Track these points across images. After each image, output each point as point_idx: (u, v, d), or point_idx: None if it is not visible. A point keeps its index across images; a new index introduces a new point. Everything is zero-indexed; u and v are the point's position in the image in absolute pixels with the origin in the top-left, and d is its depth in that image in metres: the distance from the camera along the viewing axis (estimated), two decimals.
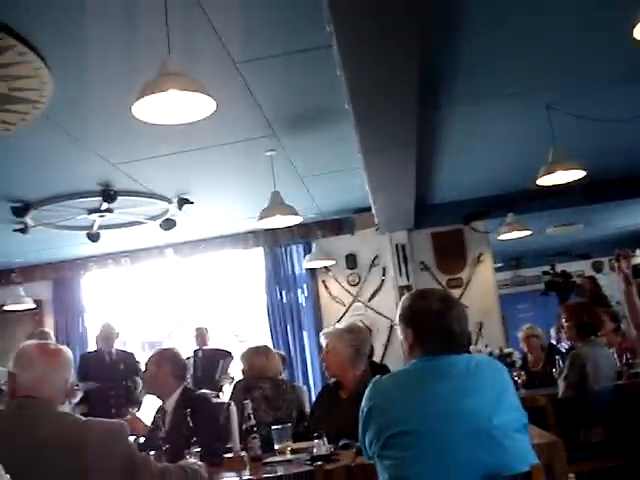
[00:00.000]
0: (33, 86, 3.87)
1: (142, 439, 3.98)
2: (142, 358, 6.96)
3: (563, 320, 5.07)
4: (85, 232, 7.12)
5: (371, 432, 2.33)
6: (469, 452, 2.16)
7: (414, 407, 2.26)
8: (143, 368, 4.40)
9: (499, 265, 9.70)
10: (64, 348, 2.59)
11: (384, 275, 8.44)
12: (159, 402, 4.12)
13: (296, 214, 5.71)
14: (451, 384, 2.28)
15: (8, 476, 1.64)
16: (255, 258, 9.12)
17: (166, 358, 4.03)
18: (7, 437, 2.24)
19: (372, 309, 8.40)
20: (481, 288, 8.34)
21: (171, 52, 3.03)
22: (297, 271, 8.72)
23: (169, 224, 7.21)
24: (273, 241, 8.58)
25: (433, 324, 2.39)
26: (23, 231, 6.81)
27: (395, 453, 2.24)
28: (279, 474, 3.38)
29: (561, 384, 4.89)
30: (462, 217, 8.23)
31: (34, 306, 8.71)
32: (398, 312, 2.51)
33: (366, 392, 2.41)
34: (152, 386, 4.13)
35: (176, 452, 3.38)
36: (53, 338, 7.07)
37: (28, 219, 6.54)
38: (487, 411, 2.22)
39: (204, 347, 8.20)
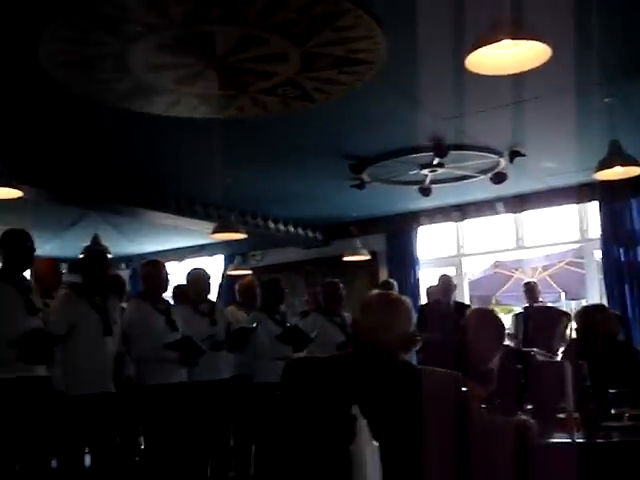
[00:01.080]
0: (368, 47, 4.03)
1: None
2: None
3: None
4: (417, 187, 7.32)
5: None
6: None
7: None
8: (462, 330, 3.85)
9: None
10: (404, 298, 2.67)
11: None
12: None
13: (638, 165, 5.30)
14: None
15: (365, 421, 1.74)
16: (590, 213, 8.70)
17: (487, 320, 3.77)
18: (352, 381, 2.38)
19: None
20: None
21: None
22: (637, 227, 8.08)
23: (499, 177, 7.13)
24: (610, 195, 8.03)
25: None
26: (360, 187, 7.19)
27: None
28: (615, 440, 3.22)
29: None
30: None
31: (369, 257, 9.20)
32: None
33: None
34: (472, 351, 3.75)
35: (507, 408, 3.37)
36: (397, 289, 7.36)
37: (364, 175, 6.89)
38: None
39: (535, 304, 8.02)
